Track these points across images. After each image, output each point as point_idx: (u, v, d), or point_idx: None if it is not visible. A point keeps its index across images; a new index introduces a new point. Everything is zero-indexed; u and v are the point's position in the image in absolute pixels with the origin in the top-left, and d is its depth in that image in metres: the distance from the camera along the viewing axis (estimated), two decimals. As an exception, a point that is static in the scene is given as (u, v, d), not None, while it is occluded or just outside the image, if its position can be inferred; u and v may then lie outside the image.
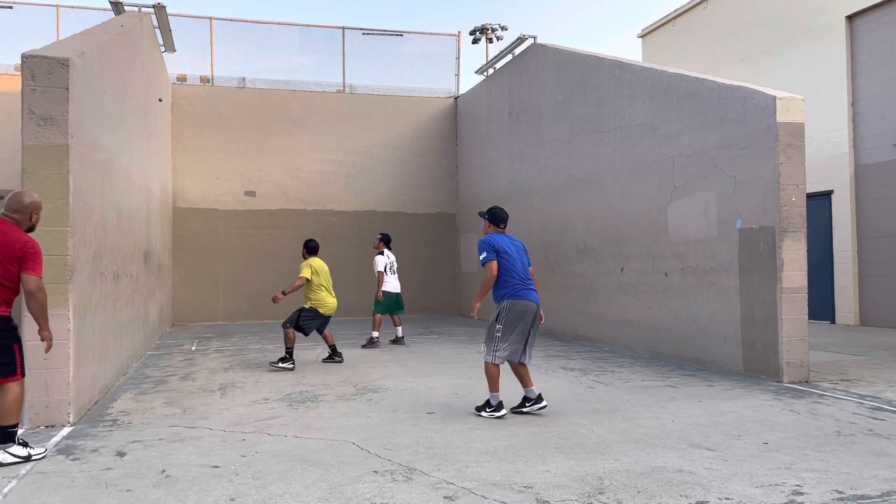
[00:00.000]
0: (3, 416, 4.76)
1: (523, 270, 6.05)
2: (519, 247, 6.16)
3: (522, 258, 6.11)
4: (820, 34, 14.20)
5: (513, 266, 5.99)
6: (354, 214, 17.13)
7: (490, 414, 5.90)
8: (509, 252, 6.01)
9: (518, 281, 5.98)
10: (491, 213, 6.26)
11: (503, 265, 5.97)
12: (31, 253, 4.72)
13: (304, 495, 4.02)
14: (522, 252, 6.17)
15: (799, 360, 7.53)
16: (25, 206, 4.90)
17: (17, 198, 4.91)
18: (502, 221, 6.22)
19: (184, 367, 9.03)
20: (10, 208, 4.87)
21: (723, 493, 4.01)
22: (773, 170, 7.65)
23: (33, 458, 4.77)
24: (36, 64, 5.75)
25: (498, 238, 6.08)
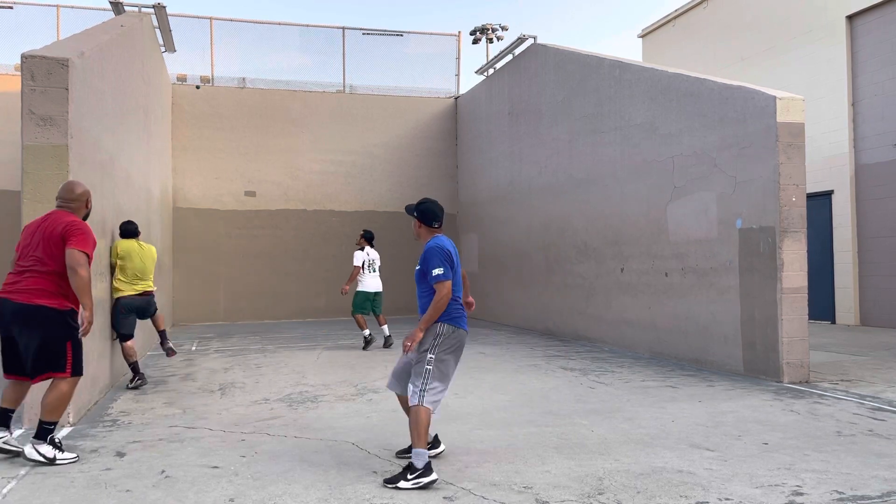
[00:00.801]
0: (43, 411, 4.69)
1: (460, 284, 4.66)
2: (457, 252, 4.70)
3: (459, 265, 4.68)
4: (820, 34, 14.19)
5: (456, 281, 4.58)
6: (355, 214, 17.13)
7: (414, 481, 4.13)
8: (456, 266, 4.59)
9: (458, 300, 4.58)
10: (422, 208, 4.67)
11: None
12: (73, 230, 4.68)
13: (303, 496, 4.01)
14: (458, 257, 4.71)
15: (799, 361, 7.53)
16: (79, 195, 5.00)
17: (70, 187, 5.01)
18: (437, 220, 4.67)
19: (183, 368, 9.03)
20: (64, 198, 4.97)
21: (723, 493, 4.01)
22: (773, 170, 7.64)
23: (58, 462, 4.62)
24: (36, 64, 5.75)
25: (446, 245, 4.55)
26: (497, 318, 15.19)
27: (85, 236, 4.70)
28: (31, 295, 4.61)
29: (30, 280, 4.65)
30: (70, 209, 4.93)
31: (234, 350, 10.84)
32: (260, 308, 16.29)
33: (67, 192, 4.99)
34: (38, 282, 4.64)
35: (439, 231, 4.72)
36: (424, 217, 4.67)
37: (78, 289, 4.61)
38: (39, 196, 5.69)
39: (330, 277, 16.76)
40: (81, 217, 4.97)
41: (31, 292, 4.62)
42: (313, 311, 16.66)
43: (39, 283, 4.64)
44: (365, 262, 10.69)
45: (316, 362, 9.40)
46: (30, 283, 4.63)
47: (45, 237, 4.70)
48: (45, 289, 4.64)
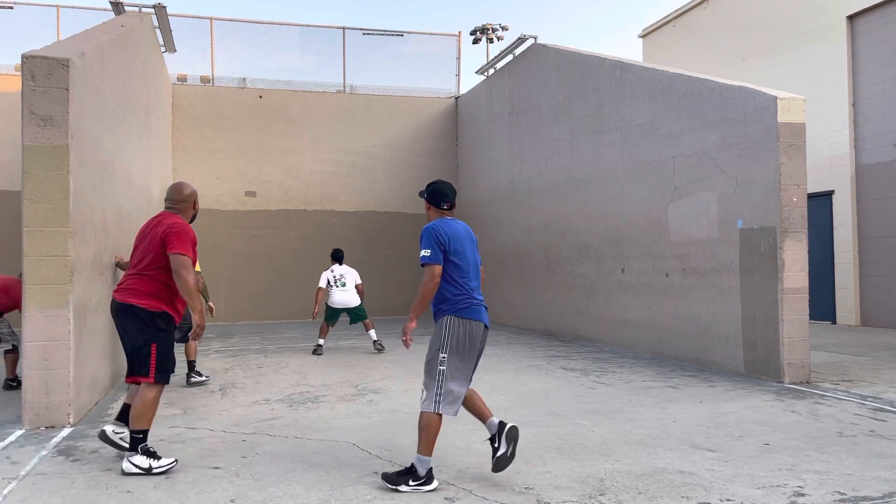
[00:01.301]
0: (131, 420, 4.56)
1: (475, 274, 4.30)
2: (472, 239, 4.40)
3: (475, 254, 4.36)
4: (821, 34, 14.19)
5: (463, 268, 4.22)
6: (355, 215, 17.12)
7: (414, 487, 4.05)
8: (460, 248, 4.23)
9: (467, 290, 4.21)
10: (430, 188, 4.44)
11: (451, 267, 4.18)
12: (171, 233, 4.63)
13: (304, 496, 4.01)
14: (474, 246, 4.40)
15: (800, 361, 7.53)
16: (186, 196, 4.99)
17: (177, 188, 4.99)
18: (446, 200, 4.39)
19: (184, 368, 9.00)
20: (172, 200, 4.96)
21: (724, 494, 4.00)
22: (774, 170, 7.64)
23: (154, 471, 4.42)
24: (36, 64, 5.74)
25: (445, 226, 4.23)
26: (497, 319, 15.18)
27: (182, 238, 4.62)
28: (127, 294, 4.64)
29: (130, 280, 4.70)
30: (177, 210, 4.92)
31: (234, 350, 10.84)
32: (260, 308, 16.28)
33: (175, 193, 4.97)
34: (136, 282, 4.66)
35: (449, 213, 4.42)
36: (433, 197, 4.41)
37: (183, 292, 4.56)
38: (40, 196, 5.69)
39: (330, 278, 16.74)
40: (189, 218, 4.96)
41: (128, 291, 4.65)
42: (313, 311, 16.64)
43: (136, 283, 4.66)
44: (329, 279, 10.66)
45: (316, 363, 9.39)
46: (129, 283, 4.68)
47: (150, 239, 4.72)
48: (140, 289, 4.63)
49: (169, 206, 4.93)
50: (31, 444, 5.21)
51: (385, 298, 16.78)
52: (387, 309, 16.99)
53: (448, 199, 4.40)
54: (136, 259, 4.76)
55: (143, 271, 4.66)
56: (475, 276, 4.30)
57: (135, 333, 4.59)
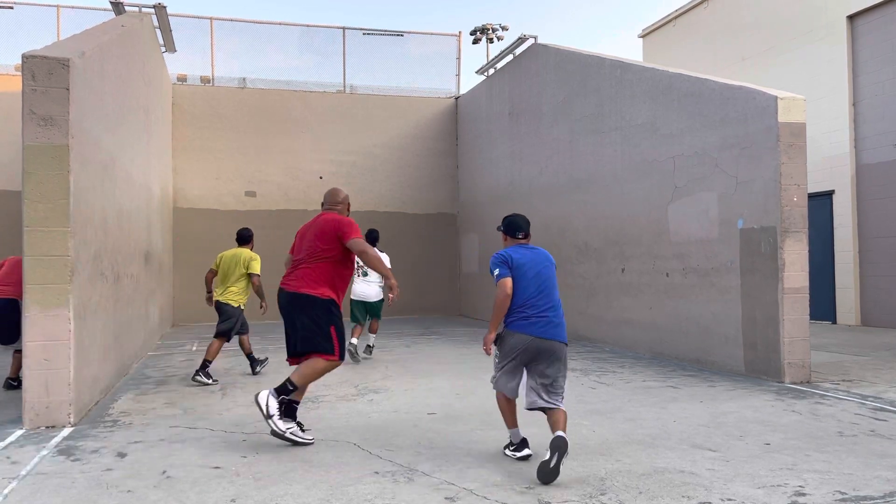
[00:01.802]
0: (295, 373, 5.08)
1: (538, 294, 4.68)
2: (542, 263, 4.80)
3: (548, 279, 4.76)
4: (821, 34, 14.19)
5: (527, 285, 4.68)
6: (355, 215, 17.00)
7: (512, 453, 4.76)
8: (522, 270, 4.71)
9: (520, 307, 4.67)
10: (506, 222, 5.00)
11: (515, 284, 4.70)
12: (344, 225, 5.26)
13: (305, 496, 4.01)
14: (548, 268, 4.81)
15: (800, 361, 7.52)
16: (342, 200, 5.64)
17: (334, 193, 5.66)
18: (520, 230, 4.93)
19: (184, 368, 9.02)
20: (330, 202, 5.61)
21: (725, 493, 4.00)
22: (774, 170, 7.64)
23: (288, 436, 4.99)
24: (36, 64, 5.74)
25: (510, 251, 4.80)
26: (497, 319, 15.17)
27: (354, 228, 5.29)
28: (299, 284, 5.17)
29: (299, 271, 5.22)
30: (336, 211, 5.53)
31: (234, 350, 10.83)
32: (260, 308, 16.25)
33: (332, 196, 5.62)
34: (306, 272, 5.18)
35: (524, 241, 4.94)
36: (508, 228, 4.99)
37: (371, 265, 5.28)
38: (40, 196, 5.69)
39: (330, 278, 16.75)
40: None
41: (299, 281, 5.18)
42: (314, 311, 16.64)
43: (306, 273, 5.17)
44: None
45: (316, 362, 9.38)
46: (299, 274, 5.21)
47: (317, 234, 5.26)
48: (311, 278, 5.15)
49: (328, 208, 5.56)
50: (31, 443, 5.21)
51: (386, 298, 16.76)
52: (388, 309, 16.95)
53: (522, 229, 4.97)
54: (302, 253, 5.30)
55: (312, 263, 5.19)
56: (537, 295, 4.70)
57: (311, 319, 5.10)
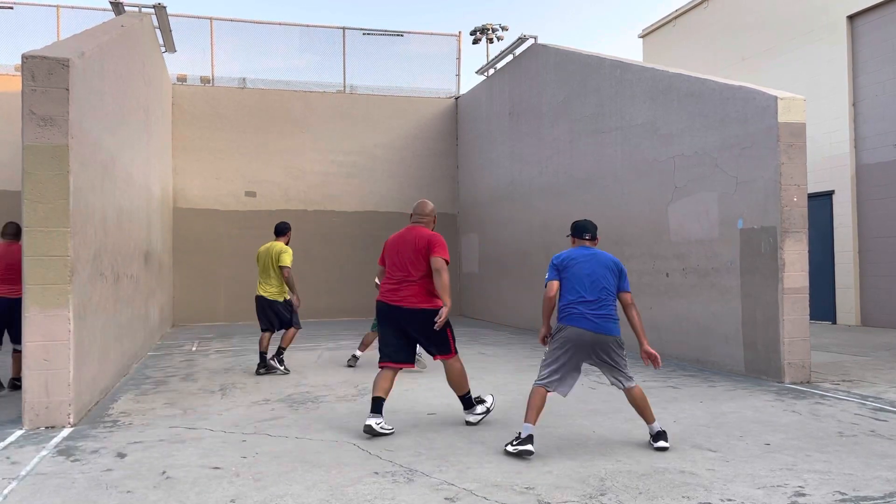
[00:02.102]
0: (458, 388, 5.76)
1: (593, 290, 5.03)
2: (600, 264, 5.12)
3: (598, 277, 5.07)
4: (821, 34, 14.19)
5: (575, 283, 5.07)
6: (355, 215, 17.12)
7: (515, 447, 4.84)
8: (577, 265, 5.10)
9: (570, 302, 5.06)
10: (572, 226, 5.43)
11: (563, 283, 5.11)
12: (434, 243, 5.68)
13: (305, 496, 4.01)
14: (606, 269, 5.12)
15: (800, 361, 7.52)
16: (430, 211, 5.96)
17: (423, 206, 5.95)
18: (585, 232, 5.31)
19: (184, 368, 9.02)
20: (419, 214, 5.92)
21: (725, 494, 4.00)
22: (774, 170, 7.63)
23: (490, 410, 5.82)
24: (36, 64, 5.74)
25: (565, 254, 5.21)
26: (497, 319, 15.18)
27: (444, 246, 5.70)
28: (414, 301, 5.64)
29: (408, 289, 5.66)
30: (423, 223, 5.88)
31: (234, 350, 10.83)
32: (260, 308, 16.26)
33: (421, 208, 5.93)
34: (415, 289, 5.65)
35: (589, 242, 5.31)
36: (574, 231, 5.38)
37: (440, 287, 5.62)
38: (40, 196, 5.69)
39: (331, 278, 16.76)
40: (432, 229, 5.92)
41: (414, 298, 5.64)
42: (314, 311, 16.64)
43: (417, 290, 5.65)
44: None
45: (317, 363, 9.39)
46: (409, 292, 5.65)
47: (413, 251, 5.68)
48: (423, 293, 5.65)
49: (416, 220, 5.89)
50: (31, 444, 5.21)
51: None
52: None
53: (588, 231, 5.34)
54: (401, 269, 5.71)
55: (416, 281, 5.67)
56: (589, 293, 5.06)
57: (431, 327, 5.60)
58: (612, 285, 5.12)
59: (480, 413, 5.80)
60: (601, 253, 5.22)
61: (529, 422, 4.90)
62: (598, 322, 5.01)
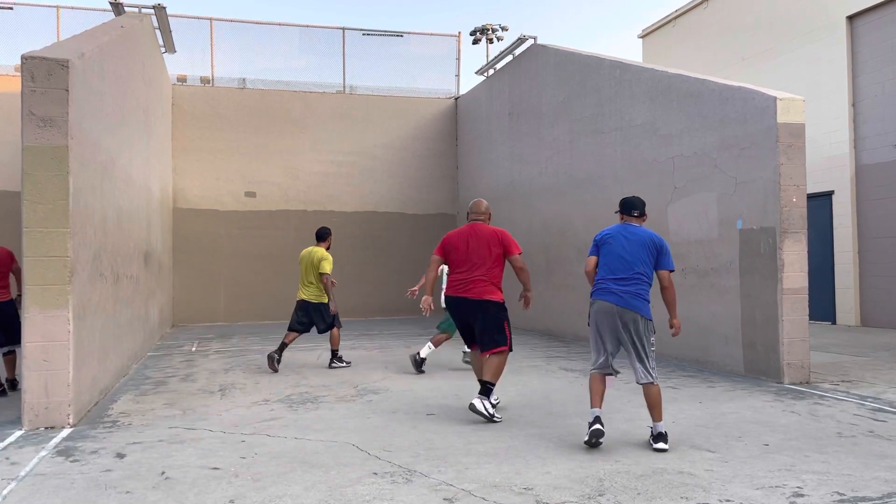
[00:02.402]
0: (488, 374, 5.96)
1: (622, 264, 5.17)
2: (638, 241, 5.21)
3: (631, 254, 5.17)
4: (820, 34, 14.19)
5: (607, 258, 5.26)
6: (355, 215, 17.12)
7: (588, 435, 4.99)
8: (612, 242, 5.25)
9: (601, 277, 5.26)
10: (620, 202, 5.53)
11: (599, 260, 5.34)
12: (507, 239, 6.13)
13: (304, 497, 4.01)
14: (640, 246, 5.19)
15: (800, 361, 7.53)
16: (486, 209, 6.36)
17: (479, 205, 6.34)
18: (633, 209, 5.40)
19: (184, 369, 9.02)
20: (477, 212, 6.30)
21: (723, 494, 4.00)
22: (773, 170, 7.64)
23: (495, 419, 5.84)
24: (36, 65, 5.74)
25: (607, 230, 5.38)
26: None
27: (515, 242, 6.18)
28: (482, 293, 6.03)
29: (478, 283, 6.05)
30: (483, 221, 6.28)
31: (234, 351, 10.84)
32: (260, 309, 16.28)
33: (478, 207, 6.32)
34: (484, 284, 6.05)
35: (635, 220, 5.40)
36: (623, 207, 5.47)
37: (524, 281, 6.13)
38: (39, 197, 5.70)
39: (330, 278, 16.75)
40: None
41: (482, 291, 6.03)
42: (313, 311, 16.64)
43: (484, 285, 6.05)
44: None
45: (316, 363, 9.39)
46: (478, 286, 6.05)
47: (487, 245, 6.07)
48: (490, 286, 6.05)
49: (475, 218, 6.27)
50: (30, 444, 5.22)
51: (385, 299, 16.80)
52: (388, 309, 17.01)
53: (631, 207, 5.42)
54: (470, 264, 6.08)
55: (485, 275, 6.05)
56: (620, 270, 5.19)
57: (495, 320, 6.01)
58: (647, 264, 5.19)
59: (492, 405, 5.93)
60: (642, 231, 5.27)
61: (595, 406, 5.11)
62: (624, 297, 5.12)
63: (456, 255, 6.14)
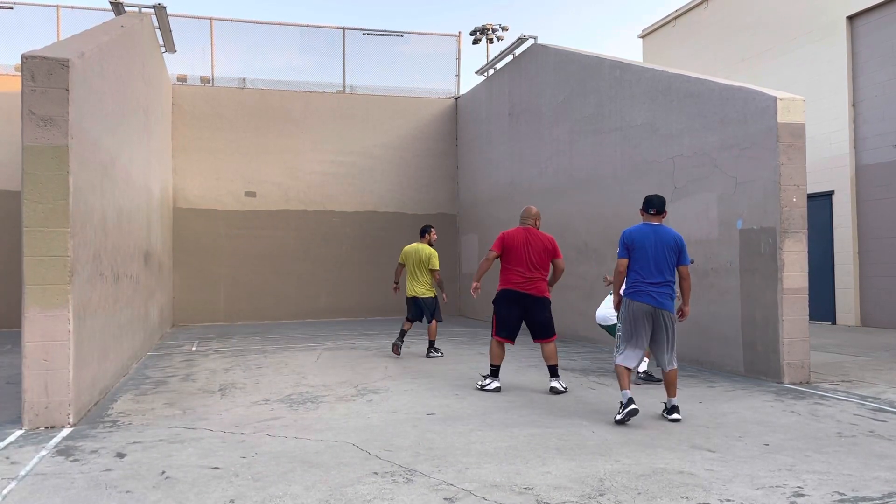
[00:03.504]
0: (550, 359, 7.08)
1: (656, 268, 5.71)
2: (665, 242, 5.74)
3: (662, 255, 5.72)
4: (821, 35, 14.19)
5: (640, 263, 5.74)
6: (355, 215, 17.12)
7: (624, 414, 5.60)
8: (644, 247, 5.72)
9: (635, 280, 5.76)
10: (644, 200, 5.95)
11: (632, 261, 5.79)
12: (556, 246, 7.16)
13: (304, 497, 4.01)
14: (669, 248, 5.75)
15: (800, 361, 7.52)
16: (536, 214, 7.24)
17: (531, 210, 7.24)
18: (652, 207, 5.86)
19: (184, 368, 9.02)
20: (530, 217, 7.21)
21: (724, 494, 4.00)
22: (773, 170, 7.64)
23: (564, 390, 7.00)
24: (36, 64, 5.74)
25: (636, 230, 5.80)
26: (497, 319, 15.16)
27: (558, 247, 7.20)
28: (541, 289, 7.10)
29: (538, 282, 7.09)
30: (535, 225, 7.19)
31: (234, 351, 10.84)
32: (260, 308, 16.28)
33: (529, 212, 7.24)
34: (542, 283, 7.13)
35: (654, 218, 5.88)
36: (643, 205, 5.93)
37: (556, 282, 7.28)
38: (39, 196, 5.69)
39: (330, 278, 16.77)
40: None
41: (540, 287, 7.09)
42: (313, 311, 16.66)
43: (543, 284, 7.13)
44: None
45: (316, 363, 9.39)
46: (539, 284, 7.09)
47: (543, 250, 7.06)
48: (544, 284, 7.15)
49: (524, 223, 7.19)
50: (30, 444, 5.22)
51: (385, 299, 16.78)
52: (387, 309, 17.00)
53: (652, 206, 5.87)
54: (529, 263, 7.02)
55: (540, 273, 7.08)
56: (654, 275, 5.72)
57: (548, 313, 7.12)
58: (673, 265, 5.78)
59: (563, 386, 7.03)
60: (664, 230, 5.78)
61: (625, 388, 5.65)
62: (658, 298, 5.71)
63: (517, 255, 7.05)
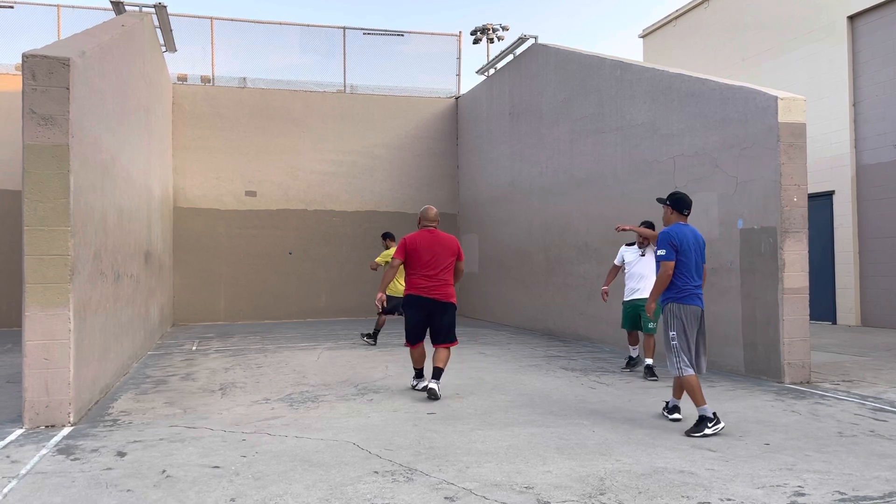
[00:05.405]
0: (441, 363, 6.88)
1: (697, 271, 5.63)
2: (699, 243, 5.68)
3: (699, 256, 5.65)
4: (821, 34, 14.19)
5: (686, 266, 5.56)
6: (355, 215, 17.12)
7: (714, 429, 5.27)
8: (689, 249, 5.56)
9: (685, 284, 5.57)
10: (673, 198, 5.74)
11: (678, 264, 5.55)
12: (460, 248, 7.01)
13: (304, 496, 4.01)
14: (701, 249, 5.69)
15: (800, 361, 7.52)
16: (437, 216, 7.02)
17: (430, 212, 7.01)
18: (687, 208, 5.72)
19: (184, 368, 9.02)
20: (429, 219, 6.98)
21: (724, 494, 4.00)
22: (774, 170, 7.64)
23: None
24: (37, 63, 5.74)
25: (680, 231, 5.58)
26: (497, 319, 15.18)
27: (462, 251, 7.03)
28: (447, 294, 6.89)
29: (444, 286, 6.88)
30: (436, 227, 6.98)
31: (234, 350, 10.84)
32: (260, 308, 16.28)
33: (427, 213, 7.00)
34: (448, 287, 6.91)
35: (685, 218, 5.73)
36: (676, 204, 5.73)
37: (456, 283, 7.01)
38: (40, 195, 5.69)
39: (330, 277, 16.77)
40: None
41: (447, 294, 6.89)
42: (314, 311, 16.66)
43: (448, 288, 6.92)
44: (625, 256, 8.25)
45: (316, 362, 9.39)
46: (443, 289, 6.87)
47: (448, 252, 6.86)
48: (452, 288, 6.94)
49: (426, 225, 6.96)
50: (31, 442, 5.22)
51: (385, 298, 16.76)
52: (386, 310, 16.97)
53: (689, 206, 5.73)
54: (435, 266, 6.82)
55: (446, 277, 6.88)
56: (698, 277, 5.63)
57: (453, 319, 6.94)
58: (702, 264, 5.74)
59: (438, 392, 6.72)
60: (696, 231, 5.72)
61: (703, 404, 5.38)
62: (702, 300, 5.72)
63: (422, 259, 6.81)
